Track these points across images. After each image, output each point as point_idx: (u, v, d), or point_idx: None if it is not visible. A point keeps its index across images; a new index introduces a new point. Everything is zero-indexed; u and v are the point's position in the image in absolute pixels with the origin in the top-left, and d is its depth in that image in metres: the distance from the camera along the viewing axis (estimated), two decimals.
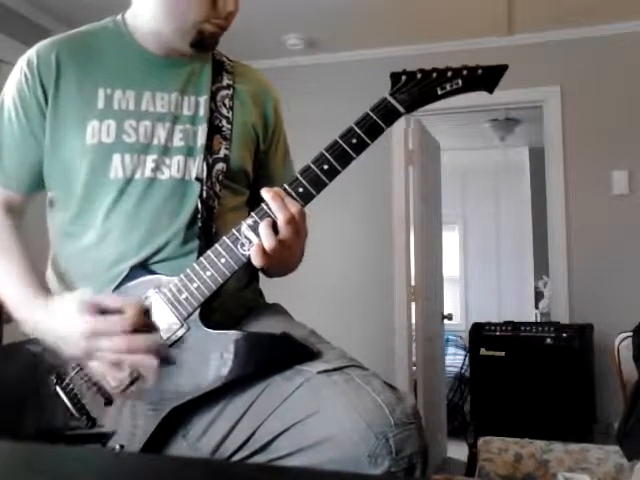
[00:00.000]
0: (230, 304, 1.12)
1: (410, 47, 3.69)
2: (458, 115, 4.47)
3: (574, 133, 3.55)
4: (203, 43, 1.13)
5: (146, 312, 1.01)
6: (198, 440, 1.00)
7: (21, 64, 1.15)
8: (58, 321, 1.00)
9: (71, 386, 1.03)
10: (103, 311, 0.98)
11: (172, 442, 1.00)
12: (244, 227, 1.00)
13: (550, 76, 3.56)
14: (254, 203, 1.06)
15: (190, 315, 1.00)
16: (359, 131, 0.99)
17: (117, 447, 0.99)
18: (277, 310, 1.21)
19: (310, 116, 3.60)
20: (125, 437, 1.00)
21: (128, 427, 1.00)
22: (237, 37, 1.28)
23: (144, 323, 0.99)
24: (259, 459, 0.96)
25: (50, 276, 1.18)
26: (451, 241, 6.35)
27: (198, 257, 1.02)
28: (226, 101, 1.18)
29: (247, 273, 1.21)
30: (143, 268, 1.06)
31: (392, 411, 0.88)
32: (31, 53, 1.15)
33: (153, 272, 1.05)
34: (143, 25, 1.16)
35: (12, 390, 1.05)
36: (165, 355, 0.99)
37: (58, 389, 1.03)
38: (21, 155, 1.14)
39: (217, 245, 1.00)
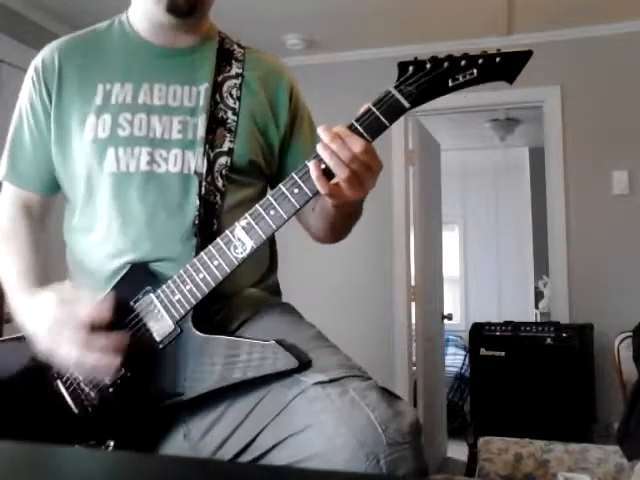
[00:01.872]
0: (236, 304, 1.11)
1: (410, 47, 3.69)
2: (458, 115, 4.48)
3: (574, 133, 3.55)
4: (177, 7, 1.10)
5: (122, 309, 1.01)
6: (200, 440, 0.99)
7: (31, 70, 1.17)
8: (34, 313, 1.02)
9: (71, 380, 1.04)
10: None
11: (174, 440, 1.00)
12: (237, 229, 0.96)
13: (550, 76, 3.56)
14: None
15: (183, 318, 0.99)
16: (360, 128, 0.92)
17: (111, 445, 0.99)
18: (285, 310, 1.17)
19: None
20: (120, 435, 1.00)
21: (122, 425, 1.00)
22: (237, 37, 1.27)
23: (108, 320, 0.98)
24: None
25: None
26: (451, 241, 6.35)
27: (196, 256, 1.00)
28: (233, 91, 1.15)
29: (260, 268, 1.19)
30: (141, 267, 1.05)
31: (385, 429, 0.83)
32: (38, 58, 1.18)
33: (151, 271, 1.04)
34: (139, 14, 1.17)
35: (12, 384, 1.05)
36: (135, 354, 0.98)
37: (59, 383, 1.04)
38: (33, 157, 1.17)
39: (210, 247, 0.98)
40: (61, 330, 0.97)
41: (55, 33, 1.20)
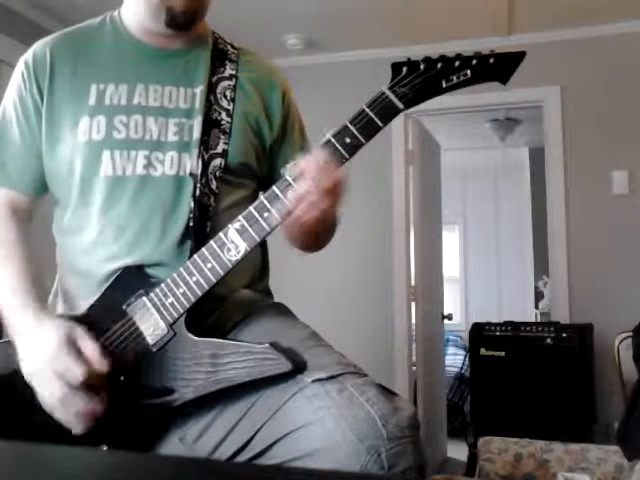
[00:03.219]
0: (230, 305, 1.10)
1: (410, 47, 3.68)
2: (458, 115, 4.47)
3: (574, 133, 3.54)
4: (177, 21, 1.10)
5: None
6: (194, 443, 0.98)
7: (20, 65, 1.15)
8: (31, 344, 0.99)
9: None
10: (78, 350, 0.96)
11: (169, 444, 0.99)
12: (231, 231, 0.96)
13: (550, 76, 3.56)
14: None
15: (176, 321, 0.98)
16: (353, 129, 0.92)
17: (104, 448, 0.99)
18: (279, 311, 1.17)
19: (309, 116, 3.59)
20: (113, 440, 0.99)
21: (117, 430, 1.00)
22: (237, 37, 1.27)
23: (100, 385, 0.96)
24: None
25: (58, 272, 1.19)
26: (451, 241, 6.35)
27: (190, 259, 0.99)
28: (227, 92, 1.14)
29: (252, 271, 1.18)
30: (134, 270, 1.03)
31: (385, 424, 0.83)
32: (28, 53, 1.15)
33: (144, 274, 1.03)
34: (131, 16, 1.15)
35: (6, 388, 1.04)
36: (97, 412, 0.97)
37: None
38: (22, 155, 1.14)
39: (204, 249, 0.97)
40: (52, 377, 0.95)
41: (54, 32, 1.20)
